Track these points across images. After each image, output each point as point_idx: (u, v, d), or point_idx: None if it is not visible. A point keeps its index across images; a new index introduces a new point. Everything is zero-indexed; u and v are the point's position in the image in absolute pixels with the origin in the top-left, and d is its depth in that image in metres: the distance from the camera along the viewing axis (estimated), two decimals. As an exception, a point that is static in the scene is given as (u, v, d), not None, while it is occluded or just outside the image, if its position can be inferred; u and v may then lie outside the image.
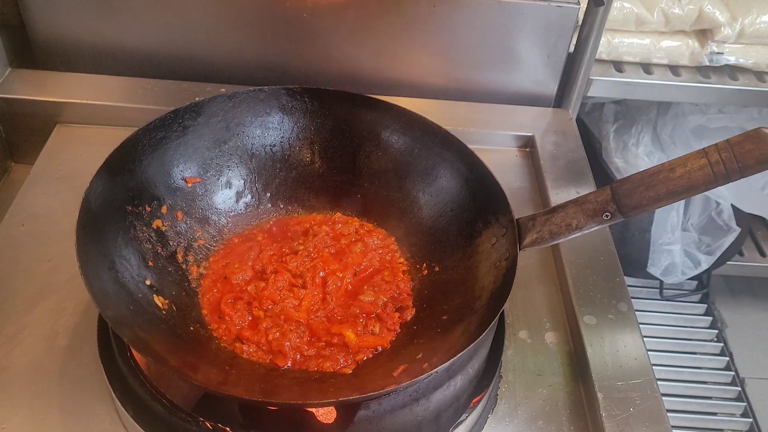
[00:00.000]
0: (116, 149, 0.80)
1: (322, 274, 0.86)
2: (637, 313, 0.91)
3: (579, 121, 1.39)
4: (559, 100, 1.28)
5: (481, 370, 0.81)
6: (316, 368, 0.76)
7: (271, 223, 0.94)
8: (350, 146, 0.95)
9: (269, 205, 0.95)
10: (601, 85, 1.36)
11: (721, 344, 1.88)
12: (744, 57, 1.37)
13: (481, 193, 0.85)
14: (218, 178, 0.91)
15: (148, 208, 0.84)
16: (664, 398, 0.82)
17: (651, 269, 1.72)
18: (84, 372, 0.80)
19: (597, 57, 1.27)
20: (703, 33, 1.37)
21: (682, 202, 1.69)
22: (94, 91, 1.14)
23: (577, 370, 0.87)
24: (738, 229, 1.69)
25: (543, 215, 0.78)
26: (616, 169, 1.62)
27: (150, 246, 0.82)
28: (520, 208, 0.80)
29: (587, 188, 1.09)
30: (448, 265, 0.86)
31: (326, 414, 0.70)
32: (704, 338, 1.90)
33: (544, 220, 0.77)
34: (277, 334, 0.78)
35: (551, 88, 1.25)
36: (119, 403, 0.74)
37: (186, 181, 0.89)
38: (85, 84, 1.15)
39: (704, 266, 1.73)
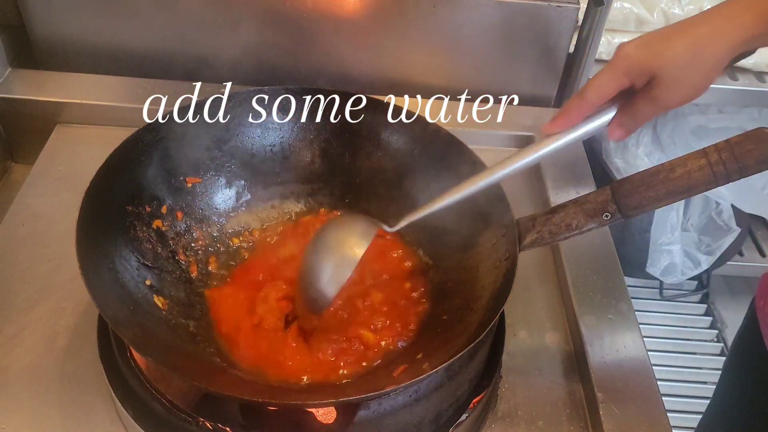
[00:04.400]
0: (116, 149, 0.80)
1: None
2: (637, 313, 0.91)
3: (579, 121, 1.39)
4: (559, 100, 1.28)
5: (481, 370, 0.81)
6: (325, 374, 0.76)
7: (272, 222, 0.94)
8: (350, 146, 0.95)
9: (269, 205, 0.94)
10: (601, 85, 1.35)
11: (721, 344, 1.88)
12: (744, 57, 1.37)
13: (481, 194, 0.85)
14: (218, 178, 0.91)
15: (148, 208, 0.84)
16: (664, 398, 0.82)
17: (650, 269, 1.72)
18: (84, 372, 0.80)
19: (597, 57, 1.27)
20: (703, 33, 1.37)
21: (682, 202, 1.69)
22: (94, 91, 1.14)
23: (577, 370, 0.87)
24: (738, 229, 1.70)
25: (543, 215, 0.78)
26: (616, 169, 1.62)
27: (150, 246, 0.82)
28: (520, 208, 0.80)
29: (587, 188, 1.09)
30: (448, 265, 0.86)
31: (326, 414, 0.70)
32: (704, 338, 1.90)
33: (544, 220, 0.77)
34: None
35: (551, 88, 1.25)
36: (119, 403, 0.74)
37: (186, 181, 0.89)
38: (85, 84, 1.15)
39: (704, 266, 1.73)
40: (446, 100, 1.22)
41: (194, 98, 0.89)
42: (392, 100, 0.93)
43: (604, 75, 0.68)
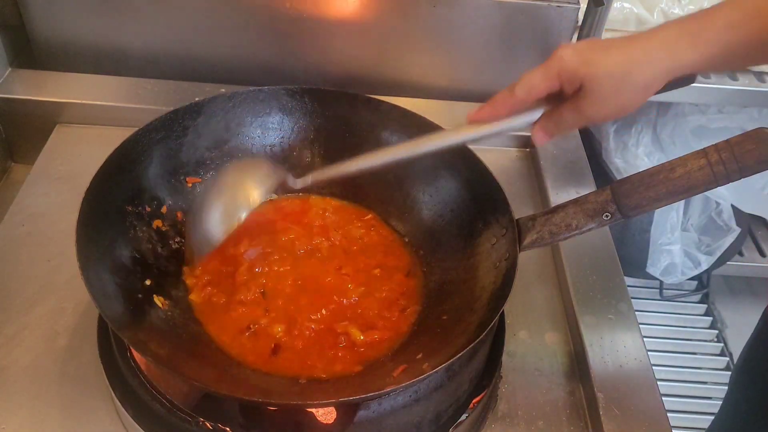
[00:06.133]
0: (116, 149, 0.80)
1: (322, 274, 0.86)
2: (637, 313, 0.91)
3: (579, 121, 1.39)
4: (559, 101, 1.28)
5: (481, 370, 0.81)
6: (324, 373, 0.76)
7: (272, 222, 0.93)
8: (350, 146, 0.94)
9: (269, 205, 0.94)
10: (601, 85, 1.35)
11: (721, 344, 1.88)
12: (744, 57, 1.37)
13: (481, 194, 0.85)
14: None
15: (148, 208, 0.84)
16: (664, 398, 0.82)
17: (650, 269, 1.72)
18: (84, 372, 0.80)
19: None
20: (703, 33, 1.37)
21: (682, 202, 1.69)
22: (94, 91, 1.14)
23: (577, 370, 0.87)
24: (738, 229, 1.70)
25: (543, 215, 0.78)
26: (616, 169, 1.62)
27: (150, 246, 0.82)
28: (520, 208, 0.80)
29: (587, 188, 1.09)
30: (448, 265, 0.86)
31: (326, 414, 0.70)
32: (704, 338, 1.90)
33: (544, 220, 0.77)
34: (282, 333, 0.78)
35: (551, 88, 1.25)
36: (119, 403, 0.74)
37: (186, 181, 0.89)
38: (85, 84, 1.15)
39: (704, 266, 1.73)
40: (446, 100, 1.22)
41: (194, 98, 0.89)
42: (392, 100, 0.93)
43: (537, 73, 0.68)
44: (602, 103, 0.66)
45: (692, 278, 1.83)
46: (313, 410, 0.70)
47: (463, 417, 0.77)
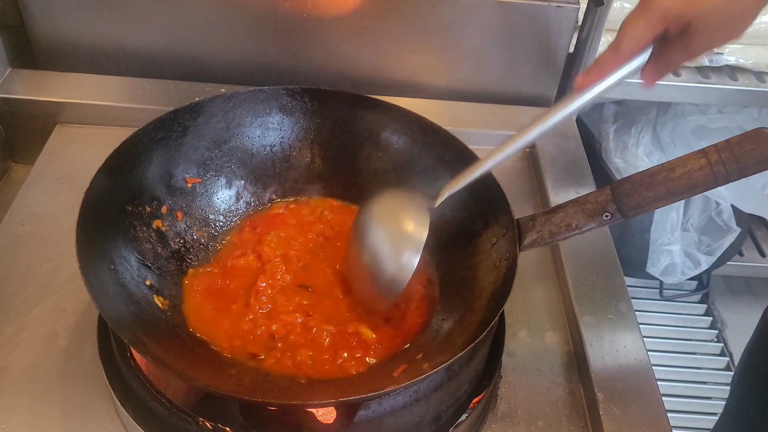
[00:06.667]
0: (116, 149, 0.80)
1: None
2: (637, 313, 0.91)
3: (579, 121, 1.39)
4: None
5: (481, 370, 0.81)
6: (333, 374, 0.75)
7: (272, 222, 0.93)
8: (350, 146, 0.95)
9: (269, 205, 0.94)
10: (601, 85, 1.35)
11: (721, 344, 1.88)
12: (744, 57, 1.37)
13: (481, 194, 0.85)
14: (218, 179, 0.92)
15: (148, 209, 0.84)
16: (664, 398, 0.82)
17: (650, 269, 1.72)
18: (84, 372, 0.80)
19: (597, 57, 1.27)
20: (703, 33, 1.37)
21: (682, 202, 1.69)
22: (94, 91, 1.14)
23: (577, 370, 0.87)
24: (738, 229, 1.70)
25: (543, 215, 0.78)
26: (616, 169, 1.62)
27: (150, 246, 0.82)
28: (520, 208, 0.80)
29: (587, 188, 1.09)
30: (448, 265, 0.86)
31: (326, 414, 0.70)
32: (704, 338, 1.90)
33: (544, 220, 0.77)
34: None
35: (551, 88, 1.25)
36: (119, 403, 0.74)
37: (186, 182, 0.89)
38: (85, 84, 1.15)
39: (704, 266, 1.73)
40: (446, 100, 1.22)
41: (194, 98, 0.89)
42: (392, 100, 0.93)
43: (639, 23, 0.66)
44: (712, 36, 0.66)
45: (692, 278, 1.83)
46: (313, 410, 0.70)
47: (463, 417, 0.77)
